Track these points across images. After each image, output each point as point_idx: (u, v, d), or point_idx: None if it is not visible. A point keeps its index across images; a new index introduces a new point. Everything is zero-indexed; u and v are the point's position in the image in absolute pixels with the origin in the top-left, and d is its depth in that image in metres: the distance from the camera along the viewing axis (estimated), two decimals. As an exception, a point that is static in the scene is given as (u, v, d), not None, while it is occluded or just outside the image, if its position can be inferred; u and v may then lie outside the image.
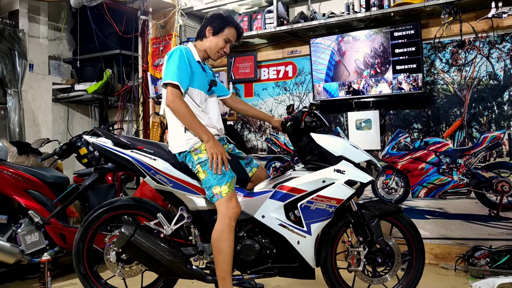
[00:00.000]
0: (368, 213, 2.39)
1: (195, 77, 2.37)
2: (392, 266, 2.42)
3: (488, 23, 3.36)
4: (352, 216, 2.41)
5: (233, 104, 2.78)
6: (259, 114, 2.81)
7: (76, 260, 2.46)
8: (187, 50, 2.39)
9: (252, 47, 4.43)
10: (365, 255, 2.38)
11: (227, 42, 2.44)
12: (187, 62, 2.32)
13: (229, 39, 2.43)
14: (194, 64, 2.39)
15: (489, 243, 3.33)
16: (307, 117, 2.39)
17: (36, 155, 3.69)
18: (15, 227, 3.12)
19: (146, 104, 4.67)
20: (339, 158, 2.33)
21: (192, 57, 2.40)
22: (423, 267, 2.48)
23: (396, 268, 2.42)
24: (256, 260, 2.34)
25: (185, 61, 2.31)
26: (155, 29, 4.59)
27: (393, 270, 2.42)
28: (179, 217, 2.40)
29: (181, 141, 2.35)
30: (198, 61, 2.43)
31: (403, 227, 2.46)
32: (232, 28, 2.45)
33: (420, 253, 2.46)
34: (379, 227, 2.38)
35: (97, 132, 3.11)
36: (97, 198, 3.43)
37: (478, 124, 3.49)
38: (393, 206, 2.51)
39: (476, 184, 3.47)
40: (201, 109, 2.39)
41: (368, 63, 3.73)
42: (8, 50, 4.17)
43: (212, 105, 2.49)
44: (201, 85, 2.40)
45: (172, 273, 2.35)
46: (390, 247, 2.42)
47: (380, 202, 2.55)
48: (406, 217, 2.48)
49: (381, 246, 2.38)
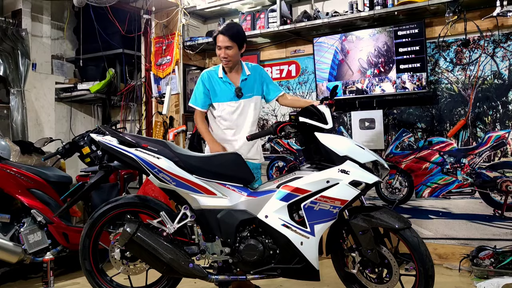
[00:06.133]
0: (357, 225, 2.27)
1: (216, 93, 2.83)
2: (390, 279, 2.28)
3: (492, 22, 3.34)
4: (343, 223, 2.35)
5: (283, 101, 2.98)
6: (302, 104, 2.85)
7: (82, 257, 2.49)
8: (210, 72, 2.89)
9: (255, 46, 4.41)
10: (359, 261, 2.32)
11: (219, 48, 2.77)
12: (201, 85, 2.85)
13: (218, 46, 2.77)
14: (216, 82, 2.84)
15: (494, 243, 3.30)
16: (286, 127, 2.37)
17: (39, 154, 3.69)
18: (18, 226, 3.13)
19: (149, 104, 4.66)
20: (344, 158, 2.28)
21: (213, 76, 2.86)
22: None
23: (393, 282, 2.27)
24: (259, 260, 2.33)
25: (200, 85, 2.86)
26: (158, 28, 4.58)
27: (390, 283, 2.28)
28: (182, 216, 2.40)
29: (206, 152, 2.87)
30: (221, 77, 2.84)
31: (407, 245, 2.24)
32: (216, 36, 2.77)
33: (423, 278, 2.19)
34: (370, 240, 2.25)
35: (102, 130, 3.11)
36: (100, 198, 3.43)
37: (483, 124, 3.46)
38: (392, 221, 2.25)
39: (481, 184, 3.44)
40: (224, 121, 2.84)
41: (372, 62, 3.71)
42: (11, 50, 4.17)
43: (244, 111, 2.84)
44: (224, 97, 2.82)
45: (174, 271, 2.35)
46: (387, 260, 2.28)
47: (382, 212, 2.32)
48: (410, 236, 2.23)
49: (372, 259, 2.26)
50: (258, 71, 2.94)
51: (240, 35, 2.78)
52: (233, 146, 2.83)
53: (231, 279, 2.41)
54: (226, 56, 2.75)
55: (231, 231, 2.36)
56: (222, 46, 2.73)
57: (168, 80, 4.41)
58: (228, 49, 2.73)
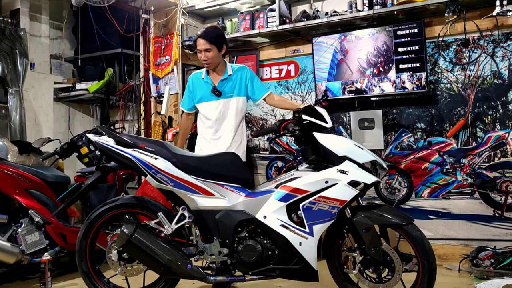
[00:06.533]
0: (360, 223, 2.28)
1: (197, 95, 3.03)
2: (392, 277, 2.28)
3: (492, 22, 3.33)
4: (345, 222, 2.35)
5: (270, 101, 3.05)
6: (289, 106, 3.05)
7: (79, 258, 2.47)
8: (195, 74, 3.08)
9: (254, 46, 4.40)
10: (360, 261, 2.31)
11: (199, 52, 2.92)
12: (187, 88, 3.09)
13: (198, 49, 2.93)
14: (198, 83, 3.03)
15: (494, 243, 3.29)
16: (289, 125, 2.38)
17: (37, 154, 3.68)
18: (16, 227, 3.11)
19: (148, 104, 4.65)
20: (342, 158, 2.28)
21: (197, 78, 3.05)
22: (432, 283, 2.25)
23: (395, 280, 2.28)
24: (258, 261, 2.32)
25: (186, 88, 3.11)
26: (156, 28, 4.57)
27: (393, 281, 2.28)
28: (180, 217, 2.39)
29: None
30: (203, 78, 3.00)
31: (409, 240, 2.27)
32: (196, 40, 2.93)
33: (426, 270, 2.23)
34: (374, 237, 2.26)
35: (99, 130, 3.09)
36: (98, 198, 3.41)
37: (482, 124, 3.45)
38: (395, 217, 2.28)
39: (480, 184, 3.43)
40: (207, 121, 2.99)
41: (371, 62, 3.70)
42: (9, 49, 4.15)
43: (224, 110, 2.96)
44: (204, 98, 3.00)
45: (172, 272, 2.34)
46: (390, 257, 2.28)
47: (384, 209, 2.34)
48: (413, 230, 2.27)
49: (375, 256, 2.26)
50: (242, 71, 3.01)
51: (219, 37, 2.93)
52: (214, 146, 2.92)
53: (229, 280, 2.40)
54: (206, 59, 2.91)
55: (229, 231, 2.35)
56: (202, 49, 2.90)
57: (167, 80, 4.40)
58: (208, 52, 2.89)
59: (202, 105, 3.03)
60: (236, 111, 2.97)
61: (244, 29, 4.19)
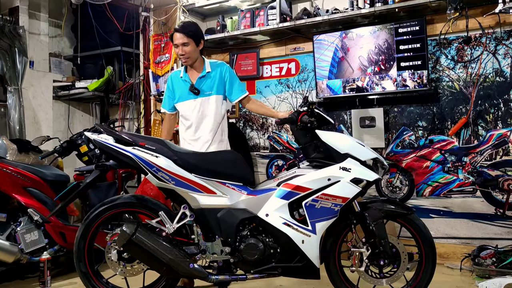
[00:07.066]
0: (371, 215, 2.31)
1: (176, 94, 2.93)
2: (398, 268, 2.34)
3: (495, 19, 3.31)
4: (354, 216, 2.35)
5: (246, 105, 2.98)
6: (266, 112, 3.02)
7: (77, 259, 2.42)
8: (174, 73, 3.01)
9: (255, 44, 4.38)
10: (367, 256, 2.32)
11: (177, 46, 2.83)
12: (167, 88, 2.99)
13: (175, 44, 2.83)
14: (177, 82, 2.93)
15: (495, 242, 3.28)
16: (304, 117, 2.37)
17: (36, 153, 3.66)
18: (15, 226, 3.10)
19: (148, 102, 4.63)
20: (344, 156, 2.28)
21: (176, 77, 2.96)
22: (434, 270, 2.36)
23: (402, 270, 2.34)
24: (260, 259, 2.31)
25: (166, 88, 3.01)
26: (156, 26, 4.55)
27: (399, 272, 2.34)
28: (182, 216, 2.37)
29: None
30: (181, 76, 2.91)
31: (412, 229, 2.36)
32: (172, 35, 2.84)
33: (429, 256, 2.34)
34: (383, 229, 2.30)
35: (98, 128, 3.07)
36: (97, 197, 3.39)
37: (484, 122, 3.44)
38: (400, 208, 2.38)
39: (482, 183, 3.42)
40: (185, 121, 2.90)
41: (372, 60, 3.68)
42: (8, 47, 4.14)
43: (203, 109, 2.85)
44: (183, 97, 2.89)
45: (174, 272, 2.32)
46: (396, 249, 2.34)
47: (386, 202, 2.45)
48: (416, 219, 2.37)
49: (385, 248, 2.30)
50: (220, 69, 2.90)
51: (196, 31, 2.85)
52: (193, 147, 2.83)
53: (231, 279, 2.38)
54: (183, 53, 2.81)
55: (231, 230, 2.33)
56: (179, 43, 2.79)
57: (167, 78, 4.38)
58: (185, 46, 2.80)
59: (180, 104, 2.91)
60: (216, 110, 2.85)
61: (245, 27, 4.17)
